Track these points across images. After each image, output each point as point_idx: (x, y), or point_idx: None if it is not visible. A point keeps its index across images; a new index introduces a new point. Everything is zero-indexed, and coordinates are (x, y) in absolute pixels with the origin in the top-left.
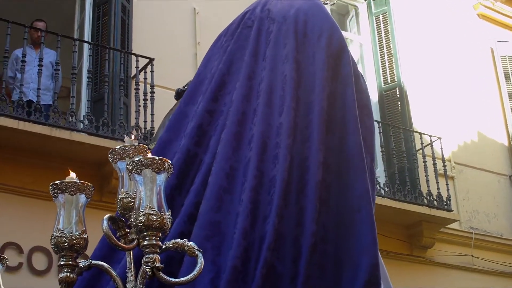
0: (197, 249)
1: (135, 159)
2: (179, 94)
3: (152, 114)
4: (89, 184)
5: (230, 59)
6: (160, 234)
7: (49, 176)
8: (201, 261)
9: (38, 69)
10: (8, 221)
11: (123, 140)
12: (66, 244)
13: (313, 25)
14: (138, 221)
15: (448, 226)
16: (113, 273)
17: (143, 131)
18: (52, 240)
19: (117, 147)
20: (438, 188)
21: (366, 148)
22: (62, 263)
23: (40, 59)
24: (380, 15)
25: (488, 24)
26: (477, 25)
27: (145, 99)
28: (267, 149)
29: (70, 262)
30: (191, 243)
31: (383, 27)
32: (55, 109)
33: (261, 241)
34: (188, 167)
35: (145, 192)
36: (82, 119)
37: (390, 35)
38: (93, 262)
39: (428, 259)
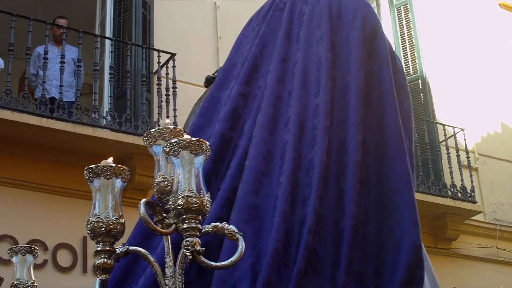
0: (237, 233)
1: (173, 141)
2: (208, 81)
3: (175, 109)
4: (125, 167)
5: (263, 42)
6: (200, 217)
7: (73, 173)
8: (242, 245)
9: (60, 66)
10: (33, 218)
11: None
12: (103, 229)
13: (347, 6)
14: (177, 204)
15: (473, 218)
16: (151, 258)
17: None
18: (88, 226)
19: (152, 130)
20: (462, 180)
21: (405, 130)
22: (98, 249)
23: (62, 56)
24: (402, 7)
25: (510, 14)
26: (499, 15)
27: (167, 94)
28: (304, 131)
29: (107, 248)
30: (231, 226)
31: (405, 19)
32: (78, 106)
33: (302, 224)
34: (223, 151)
35: (183, 174)
36: (105, 115)
37: (411, 27)
38: (130, 248)
39: (453, 251)
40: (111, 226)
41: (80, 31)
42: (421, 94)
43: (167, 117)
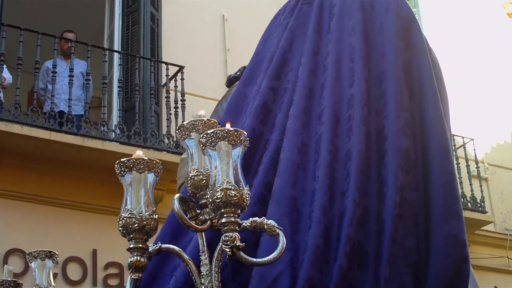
0: (277, 227)
1: (210, 131)
2: (231, 80)
3: (183, 122)
4: (158, 161)
5: (291, 36)
6: (239, 211)
7: (82, 186)
8: (283, 240)
9: (69, 80)
10: (42, 231)
11: (155, 149)
12: (136, 225)
13: None
14: (215, 197)
15: (483, 228)
16: (186, 256)
17: (174, 139)
18: (120, 222)
19: (185, 122)
20: (472, 190)
21: (446, 120)
22: (131, 246)
23: (71, 70)
24: None
25: None
26: (507, 25)
27: (176, 107)
28: (339, 122)
29: (140, 245)
30: (270, 221)
31: None
32: (86, 119)
33: (341, 217)
34: (254, 146)
35: (221, 166)
36: (113, 128)
37: None
38: (163, 245)
39: None
40: (145, 222)
41: (89, 44)
42: None
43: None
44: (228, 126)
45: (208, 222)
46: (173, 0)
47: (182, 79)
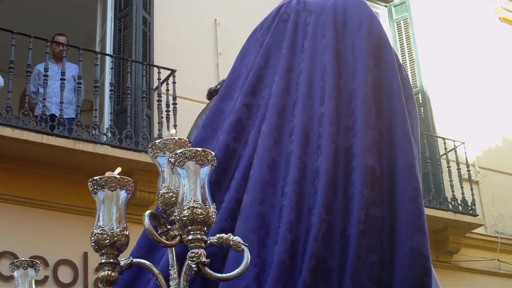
0: (242, 244)
1: (178, 151)
2: (211, 93)
3: (175, 125)
4: (130, 179)
5: (267, 53)
6: (205, 228)
7: (73, 189)
8: (247, 256)
9: (61, 83)
10: (34, 234)
11: (146, 152)
12: (107, 241)
13: (352, 15)
14: (182, 215)
15: (474, 231)
16: (156, 271)
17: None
18: (93, 238)
19: (157, 141)
20: (462, 193)
21: (414, 139)
22: (102, 261)
23: (62, 73)
24: (401, 21)
25: (510, 28)
26: (498, 29)
27: (167, 111)
28: (309, 140)
29: (111, 260)
30: (236, 237)
31: (405, 33)
32: (78, 123)
33: (307, 233)
34: (227, 162)
35: (189, 185)
36: (105, 131)
37: (411, 41)
38: (134, 260)
39: (454, 265)
40: (116, 238)
41: (80, 48)
42: (421, 108)
43: (174, 126)
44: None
45: (178, 237)
46: (166, 4)
47: (174, 82)
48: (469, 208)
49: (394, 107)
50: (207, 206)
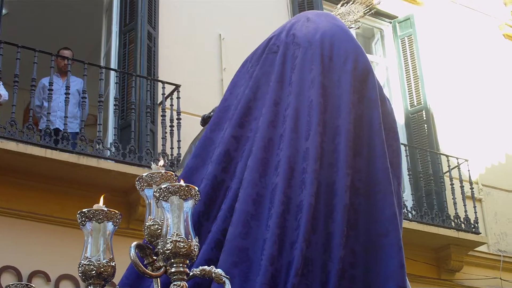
0: (224, 276)
1: (162, 186)
2: (205, 120)
3: (179, 141)
4: (117, 212)
5: (256, 85)
6: (188, 261)
7: (77, 204)
8: None
9: (65, 97)
10: (37, 249)
11: (150, 167)
12: (94, 272)
13: (339, 49)
14: (165, 248)
15: (476, 249)
16: None
17: (170, 158)
18: (80, 268)
19: (144, 174)
20: (465, 211)
21: (393, 172)
22: None
23: (67, 87)
24: (406, 38)
25: None
26: (503, 46)
27: (171, 126)
28: (294, 174)
29: None
30: (218, 270)
31: (409, 50)
32: (82, 137)
33: (289, 266)
34: (215, 193)
35: (172, 219)
36: (109, 146)
37: (415, 58)
38: None
39: (457, 283)
40: (102, 269)
41: (85, 62)
42: (425, 125)
43: (178, 141)
44: (182, 182)
45: (163, 268)
46: (170, 18)
47: (178, 97)
48: (472, 226)
49: (373, 143)
50: (189, 240)
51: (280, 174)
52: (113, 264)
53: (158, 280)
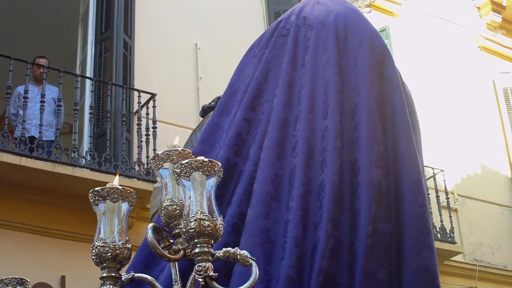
0: (251, 258)
1: (184, 162)
2: (205, 110)
3: (154, 150)
4: (132, 190)
5: (266, 68)
6: (212, 241)
7: (52, 213)
8: (255, 270)
9: (40, 106)
10: (11, 257)
11: (125, 176)
12: (109, 254)
13: (354, 30)
14: (189, 227)
15: (452, 258)
16: (158, 286)
17: (145, 167)
18: (94, 251)
19: (160, 152)
20: (441, 221)
21: (419, 154)
22: (104, 275)
23: (42, 96)
24: None
25: (489, 56)
26: (478, 57)
27: (147, 135)
28: (313, 154)
29: (113, 274)
30: (244, 251)
31: None
32: (57, 145)
33: (314, 248)
34: (228, 177)
35: (195, 197)
36: (84, 154)
37: None
38: (136, 274)
39: None
40: (118, 251)
41: (61, 70)
42: None
43: (154, 150)
44: (201, 157)
45: (182, 252)
46: (146, 28)
47: (154, 106)
48: (448, 235)
49: (398, 123)
50: (214, 218)
51: (298, 155)
52: (129, 246)
53: (176, 264)
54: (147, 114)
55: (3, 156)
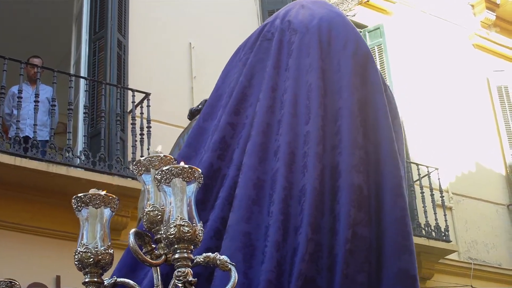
0: (230, 263)
1: (165, 168)
2: (192, 113)
3: (149, 149)
4: (114, 196)
5: (251, 72)
6: (192, 246)
7: (47, 212)
8: (234, 275)
9: (35, 105)
10: (6, 257)
11: (120, 175)
12: (91, 259)
13: (337, 34)
14: (168, 233)
15: (447, 257)
16: None
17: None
18: (76, 256)
19: (142, 158)
20: (436, 219)
21: (401, 159)
22: (86, 280)
23: (37, 95)
24: (375, 47)
25: (483, 54)
26: (472, 55)
27: (141, 134)
28: (295, 159)
29: (95, 279)
30: (223, 256)
31: (378, 59)
32: (51, 145)
33: (294, 253)
34: (211, 181)
35: (175, 203)
36: (78, 154)
37: (385, 67)
38: (119, 279)
39: None
40: (100, 257)
41: (55, 70)
42: None
43: (148, 149)
44: (182, 163)
45: (163, 256)
46: (140, 27)
47: (148, 106)
48: (443, 234)
49: (380, 126)
50: (194, 224)
51: (280, 159)
52: (111, 252)
53: (158, 269)
54: (142, 113)
55: None
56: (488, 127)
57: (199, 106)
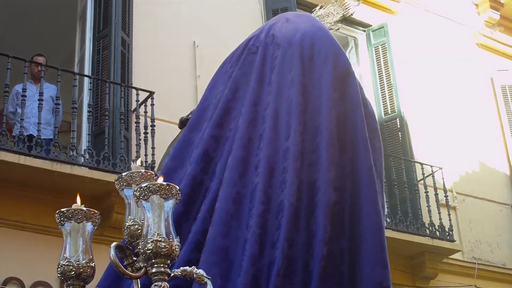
0: (206, 277)
1: (143, 185)
2: (182, 122)
3: (153, 148)
4: (96, 211)
5: (235, 85)
6: (169, 261)
7: (50, 211)
8: None
9: (39, 104)
10: (10, 256)
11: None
12: (73, 272)
13: (319, 49)
14: (146, 248)
15: (451, 256)
16: None
17: (143, 165)
18: (59, 269)
19: (123, 173)
20: (440, 219)
21: (377, 171)
22: None
23: (41, 94)
24: (379, 46)
25: (487, 54)
26: (476, 55)
27: (145, 133)
28: (274, 174)
29: None
30: (199, 270)
31: (383, 58)
32: (55, 144)
33: (270, 267)
34: (194, 194)
35: (153, 218)
36: (82, 153)
37: (389, 66)
38: None
39: None
40: (81, 270)
41: (59, 68)
42: (399, 133)
43: (152, 148)
44: (160, 179)
45: (143, 269)
46: (144, 26)
47: (152, 104)
48: (447, 233)
49: (357, 141)
50: (170, 240)
51: (260, 174)
52: (93, 265)
53: (138, 281)
54: (146, 112)
55: (2, 155)
56: (492, 127)
57: (189, 116)
